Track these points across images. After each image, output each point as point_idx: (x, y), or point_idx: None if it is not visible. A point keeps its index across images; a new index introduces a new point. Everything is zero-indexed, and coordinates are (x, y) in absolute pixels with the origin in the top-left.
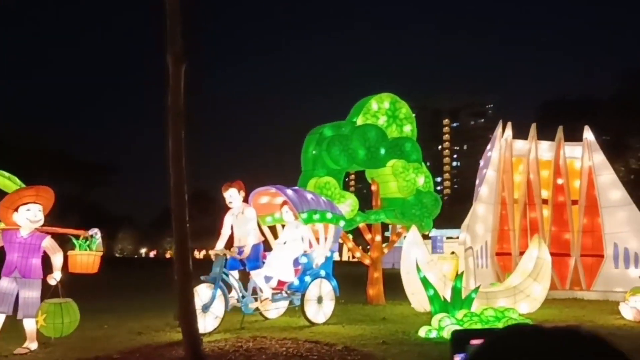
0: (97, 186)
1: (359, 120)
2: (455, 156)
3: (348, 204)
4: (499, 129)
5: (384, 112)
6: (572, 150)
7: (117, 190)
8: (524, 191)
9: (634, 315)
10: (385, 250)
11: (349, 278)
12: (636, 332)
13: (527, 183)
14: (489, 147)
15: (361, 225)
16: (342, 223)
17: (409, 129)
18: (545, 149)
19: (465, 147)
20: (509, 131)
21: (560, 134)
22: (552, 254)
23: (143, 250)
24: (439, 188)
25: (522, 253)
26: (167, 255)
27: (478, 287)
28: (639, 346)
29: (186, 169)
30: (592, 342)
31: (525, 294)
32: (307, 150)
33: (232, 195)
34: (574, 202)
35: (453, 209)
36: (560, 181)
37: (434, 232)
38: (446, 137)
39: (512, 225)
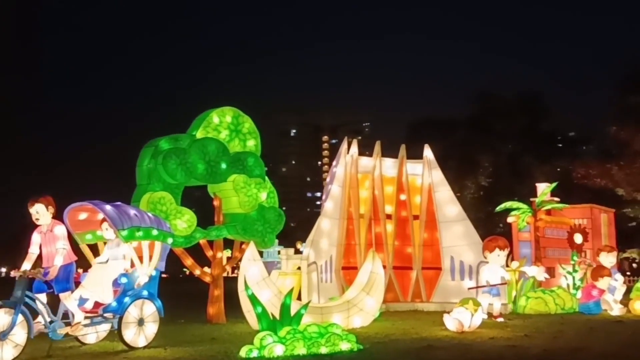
0: None
1: (199, 134)
2: None
3: (185, 220)
4: (344, 145)
5: (226, 125)
6: (413, 168)
7: None
8: (369, 206)
9: (456, 326)
10: (228, 267)
11: (193, 296)
12: (454, 343)
13: (372, 199)
14: (334, 163)
15: (202, 241)
16: (170, 240)
17: (252, 143)
18: (389, 166)
19: None
20: (354, 148)
21: (402, 151)
22: (395, 268)
23: None
24: (318, 203)
25: None
26: None
27: (307, 303)
28: (453, 356)
29: None
30: None
31: (358, 308)
32: (141, 163)
33: (39, 212)
34: (416, 217)
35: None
36: (402, 197)
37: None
38: (325, 153)
39: (358, 239)
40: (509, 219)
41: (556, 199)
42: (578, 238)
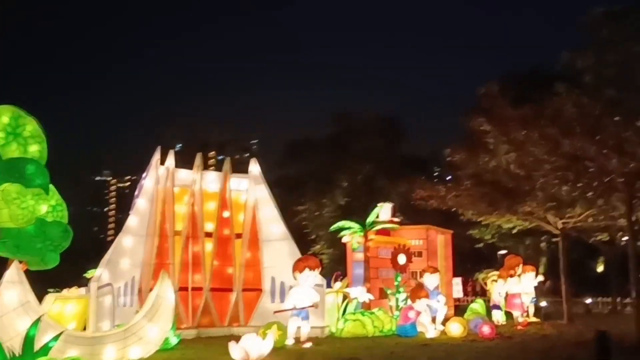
0: None
1: None
2: None
3: None
4: (157, 156)
5: (1, 127)
6: (238, 183)
7: None
8: (187, 223)
9: (242, 356)
10: None
11: None
12: None
13: (191, 214)
14: (144, 175)
15: None
16: None
17: (35, 149)
18: (211, 180)
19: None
20: (171, 159)
21: (227, 165)
22: (214, 289)
23: None
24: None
25: (182, 289)
26: None
27: (60, 334)
28: None
29: None
30: None
31: (137, 337)
32: None
33: None
34: (238, 236)
35: None
36: (225, 214)
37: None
38: (212, 169)
39: (172, 259)
40: (344, 239)
41: (396, 219)
42: (402, 259)
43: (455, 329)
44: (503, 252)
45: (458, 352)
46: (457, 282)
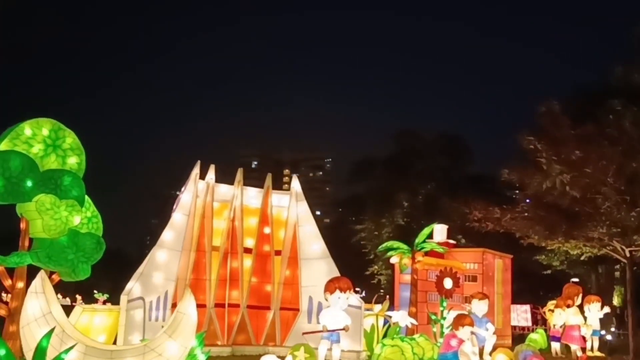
0: None
1: (3, 146)
2: None
3: None
4: (196, 170)
5: (41, 139)
6: (279, 200)
7: None
8: (225, 239)
9: None
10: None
11: None
12: None
13: (230, 230)
14: (182, 189)
15: (0, 269)
16: None
17: (74, 161)
18: (252, 196)
19: None
20: (211, 174)
21: (268, 181)
22: (250, 307)
23: None
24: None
25: (218, 305)
26: None
27: (72, 346)
28: None
29: None
30: None
31: (157, 353)
32: None
33: None
34: (278, 253)
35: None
36: (266, 230)
37: None
38: (286, 187)
39: (209, 274)
40: (391, 260)
41: (451, 241)
42: (448, 283)
43: None
44: (576, 279)
45: None
46: (521, 309)
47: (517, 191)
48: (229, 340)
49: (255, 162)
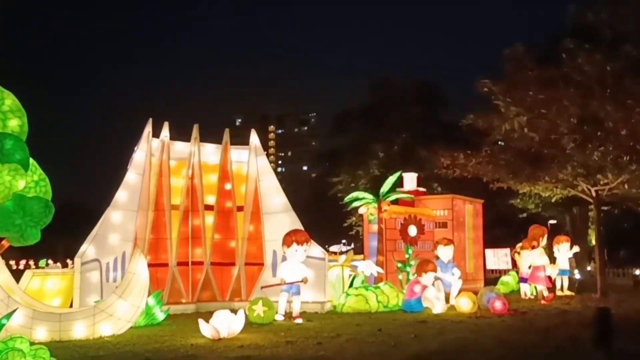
0: None
1: None
2: (280, 162)
3: None
4: (148, 128)
5: None
6: (239, 155)
7: None
8: (185, 197)
9: (212, 333)
10: None
11: None
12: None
13: (189, 188)
14: (135, 148)
15: None
16: None
17: (15, 123)
18: (210, 152)
19: (289, 153)
20: (166, 131)
21: (226, 136)
22: (215, 264)
23: None
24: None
25: (181, 263)
26: None
27: (12, 312)
28: None
29: None
30: None
31: (107, 314)
32: None
33: None
34: (240, 209)
35: None
36: (227, 186)
37: None
38: (272, 143)
39: (169, 233)
40: (360, 211)
41: (422, 189)
42: (412, 230)
43: (465, 304)
44: (553, 221)
45: (451, 330)
46: (501, 252)
47: (479, 138)
48: (194, 297)
49: (239, 120)
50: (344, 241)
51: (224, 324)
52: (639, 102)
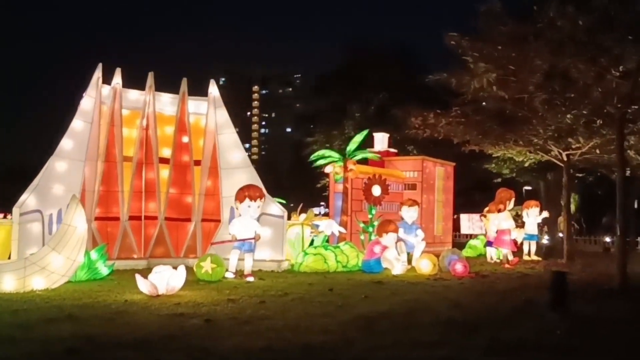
0: None
1: None
2: (264, 123)
3: None
4: (97, 74)
5: None
6: (197, 106)
7: None
8: (138, 148)
9: (149, 289)
10: None
11: None
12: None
13: (143, 139)
14: (83, 95)
15: None
16: None
17: None
18: (167, 103)
19: (273, 114)
20: (118, 78)
21: (184, 86)
22: (169, 219)
23: None
24: (247, 154)
25: (133, 217)
26: None
27: None
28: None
29: None
30: None
31: (39, 267)
32: None
33: None
34: (197, 163)
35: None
36: (185, 139)
37: None
38: (255, 104)
39: (121, 186)
40: (326, 169)
41: (393, 150)
42: (376, 190)
43: (425, 266)
44: (528, 187)
45: (406, 291)
46: (475, 217)
47: (451, 98)
48: (146, 253)
49: (223, 79)
50: (322, 203)
51: (163, 280)
52: (612, 60)
